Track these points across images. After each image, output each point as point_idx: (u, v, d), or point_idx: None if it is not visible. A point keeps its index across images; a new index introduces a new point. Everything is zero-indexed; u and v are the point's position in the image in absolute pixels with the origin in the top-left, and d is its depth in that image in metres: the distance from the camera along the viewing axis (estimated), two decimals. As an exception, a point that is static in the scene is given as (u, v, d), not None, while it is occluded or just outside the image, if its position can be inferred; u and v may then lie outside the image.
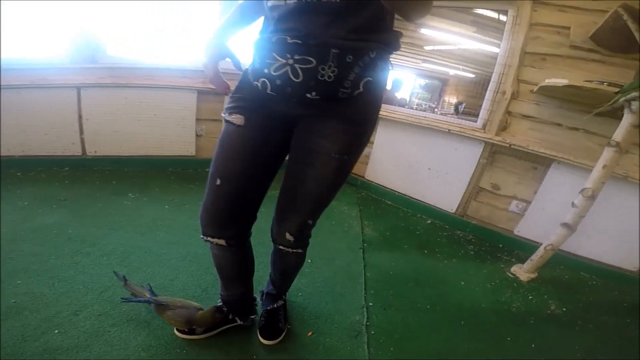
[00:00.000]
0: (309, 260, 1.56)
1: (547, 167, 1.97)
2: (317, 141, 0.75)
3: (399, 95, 3.01)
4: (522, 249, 2.04)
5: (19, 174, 2.07)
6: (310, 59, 0.63)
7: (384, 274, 1.58)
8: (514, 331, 1.35)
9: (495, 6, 2.16)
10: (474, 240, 2.13)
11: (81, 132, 2.20)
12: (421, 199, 2.41)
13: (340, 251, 1.71)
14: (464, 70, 2.68)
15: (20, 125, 2.09)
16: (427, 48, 2.75)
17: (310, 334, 1.14)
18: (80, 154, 2.24)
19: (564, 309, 1.57)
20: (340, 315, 1.25)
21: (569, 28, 1.87)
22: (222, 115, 0.80)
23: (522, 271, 1.81)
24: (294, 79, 0.66)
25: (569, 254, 1.97)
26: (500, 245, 2.11)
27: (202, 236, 0.87)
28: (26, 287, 1.13)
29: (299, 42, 0.63)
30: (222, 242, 0.86)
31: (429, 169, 2.34)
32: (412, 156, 2.40)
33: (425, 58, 2.81)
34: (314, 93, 0.67)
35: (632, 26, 1.50)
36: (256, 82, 0.72)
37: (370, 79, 0.69)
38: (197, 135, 2.50)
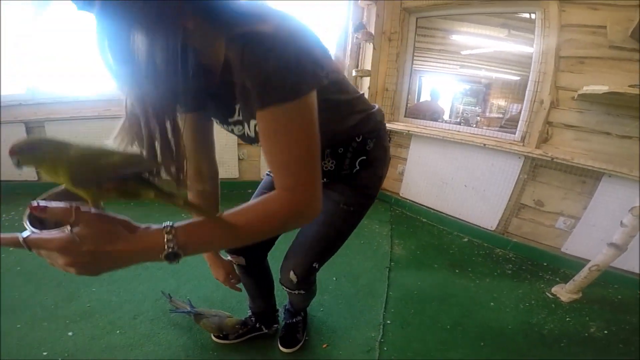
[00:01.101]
0: (334, 278, 1.74)
1: (598, 180, 1.89)
2: (328, 194, 0.92)
3: (440, 103, 3.03)
4: (570, 267, 1.98)
5: (95, 196, 2.57)
6: None
7: (407, 293, 1.68)
8: (540, 353, 1.37)
9: (518, 9, 2.14)
10: (515, 258, 2.12)
11: (142, 156, 2.67)
12: (457, 217, 2.43)
13: (366, 270, 1.85)
14: (505, 72, 2.64)
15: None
16: (464, 53, 2.76)
17: (325, 346, 1.31)
18: (143, 178, 2.72)
19: (606, 332, 1.53)
20: (357, 330, 1.40)
21: (604, 27, 1.78)
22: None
23: (564, 291, 1.78)
24: None
25: (626, 271, 1.87)
26: (545, 264, 2.07)
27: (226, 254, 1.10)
28: (99, 295, 1.48)
29: None
30: (242, 261, 1.08)
31: (465, 185, 2.36)
32: (447, 173, 2.44)
33: (463, 63, 2.81)
34: (324, 179, 0.89)
35: None
36: None
37: (364, 157, 0.88)
38: (239, 159, 2.84)
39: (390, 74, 2.72)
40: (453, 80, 2.91)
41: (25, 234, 0.44)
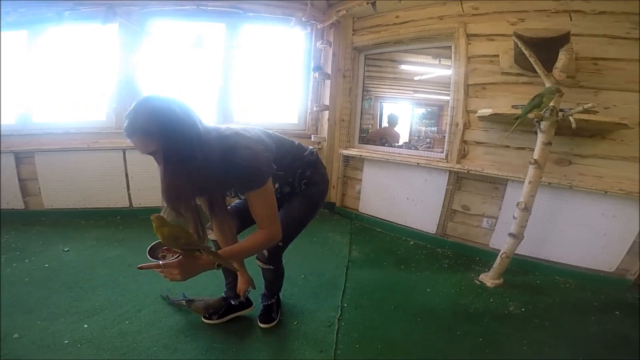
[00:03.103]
0: (302, 276, 2.15)
1: (505, 185, 2.43)
2: (290, 201, 1.51)
3: (397, 129, 3.46)
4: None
5: (82, 222, 2.88)
6: (278, 188, 1.45)
7: (361, 284, 2.11)
8: (466, 327, 1.72)
9: (437, 45, 2.73)
10: (452, 255, 2.61)
11: (128, 188, 3.00)
12: (404, 224, 2.94)
13: (329, 269, 2.28)
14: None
15: (81, 183, 2.92)
16: (416, 78, 3.28)
17: (295, 323, 1.70)
18: (128, 205, 3.04)
19: (523, 309, 1.91)
20: (320, 311, 1.80)
21: (498, 56, 2.32)
22: None
23: (488, 278, 2.21)
24: (277, 196, 1.38)
25: (545, 260, 2.34)
26: (477, 258, 2.55)
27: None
28: (105, 296, 1.80)
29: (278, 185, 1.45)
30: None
31: (407, 198, 2.89)
32: (393, 189, 2.97)
33: (417, 88, 3.30)
34: (286, 198, 1.50)
35: (525, 52, 1.90)
36: None
37: (305, 180, 1.49)
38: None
39: (345, 107, 3.28)
40: (410, 104, 3.37)
41: (155, 262, 1.10)
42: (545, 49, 1.90)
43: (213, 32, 3.19)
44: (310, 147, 1.57)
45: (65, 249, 2.34)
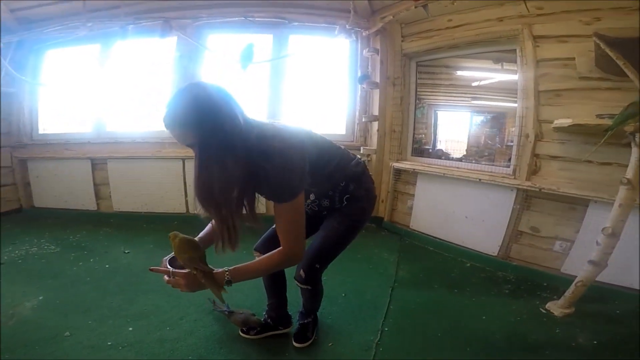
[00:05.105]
0: (343, 294, 2.08)
1: (585, 206, 2.11)
2: (328, 219, 1.43)
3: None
4: (569, 286, 2.06)
5: (144, 225, 3.14)
6: (317, 200, 1.42)
7: (406, 307, 1.98)
8: (521, 358, 1.57)
9: (499, 47, 2.50)
10: (514, 280, 2.35)
11: (186, 195, 3.22)
12: (461, 244, 2.71)
13: (371, 288, 2.17)
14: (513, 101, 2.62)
15: (145, 189, 3.21)
16: (474, 84, 3.04)
17: (330, 344, 1.64)
18: (184, 211, 3.26)
19: (595, 342, 1.69)
20: (358, 334, 1.72)
21: (574, 59, 2.06)
22: None
23: (557, 306, 1.95)
24: (315, 209, 1.44)
25: (629, 288, 2.01)
26: (545, 284, 2.26)
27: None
28: (153, 301, 1.92)
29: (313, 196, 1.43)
30: (258, 254, 1.51)
31: (466, 216, 2.67)
32: (449, 206, 2.77)
33: (475, 95, 3.06)
34: (324, 212, 1.44)
35: (611, 53, 1.70)
36: None
37: (348, 195, 1.37)
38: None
39: (396, 117, 3.15)
40: (468, 112, 3.15)
41: (171, 269, 1.20)
42: (633, 50, 1.65)
43: (262, 44, 3.30)
44: (357, 157, 1.48)
45: (126, 251, 2.57)
